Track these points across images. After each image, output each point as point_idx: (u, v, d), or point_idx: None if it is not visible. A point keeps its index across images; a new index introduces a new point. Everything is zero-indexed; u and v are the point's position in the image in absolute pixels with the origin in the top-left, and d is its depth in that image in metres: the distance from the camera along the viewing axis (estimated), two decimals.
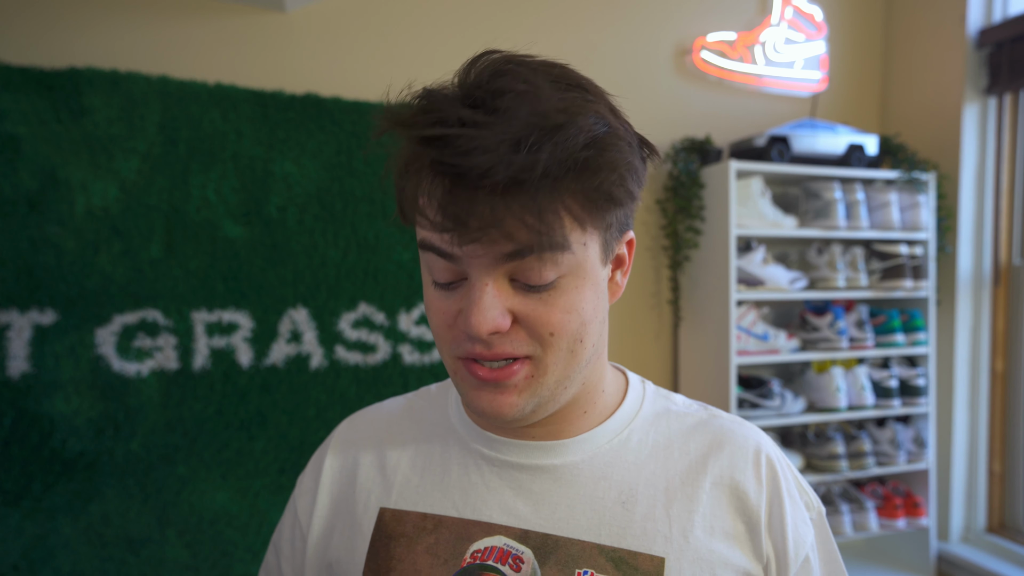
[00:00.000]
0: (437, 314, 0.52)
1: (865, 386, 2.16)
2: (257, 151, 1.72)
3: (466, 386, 0.53)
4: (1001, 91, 2.21)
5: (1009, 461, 2.28)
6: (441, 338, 0.53)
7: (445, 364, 0.55)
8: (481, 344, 0.49)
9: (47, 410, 1.55)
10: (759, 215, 2.06)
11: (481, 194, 0.45)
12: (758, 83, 2.28)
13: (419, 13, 1.94)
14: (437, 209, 0.46)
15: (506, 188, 0.44)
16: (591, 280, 0.51)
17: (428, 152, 0.46)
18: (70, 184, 1.56)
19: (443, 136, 0.45)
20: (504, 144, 0.44)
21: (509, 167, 0.43)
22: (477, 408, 0.52)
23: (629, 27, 2.17)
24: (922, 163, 2.22)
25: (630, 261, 0.58)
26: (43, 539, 1.55)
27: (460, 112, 0.46)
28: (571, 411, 0.58)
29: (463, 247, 0.47)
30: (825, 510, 0.62)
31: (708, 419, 0.61)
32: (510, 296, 0.49)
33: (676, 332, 2.25)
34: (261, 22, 1.79)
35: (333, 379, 1.79)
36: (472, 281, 0.49)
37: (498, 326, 0.48)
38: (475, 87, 0.48)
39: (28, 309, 1.55)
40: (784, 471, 0.59)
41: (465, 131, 0.44)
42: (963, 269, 2.26)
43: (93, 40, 1.64)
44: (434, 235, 0.49)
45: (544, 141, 0.44)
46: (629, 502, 0.55)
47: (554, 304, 0.49)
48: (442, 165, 0.45)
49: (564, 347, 0.51)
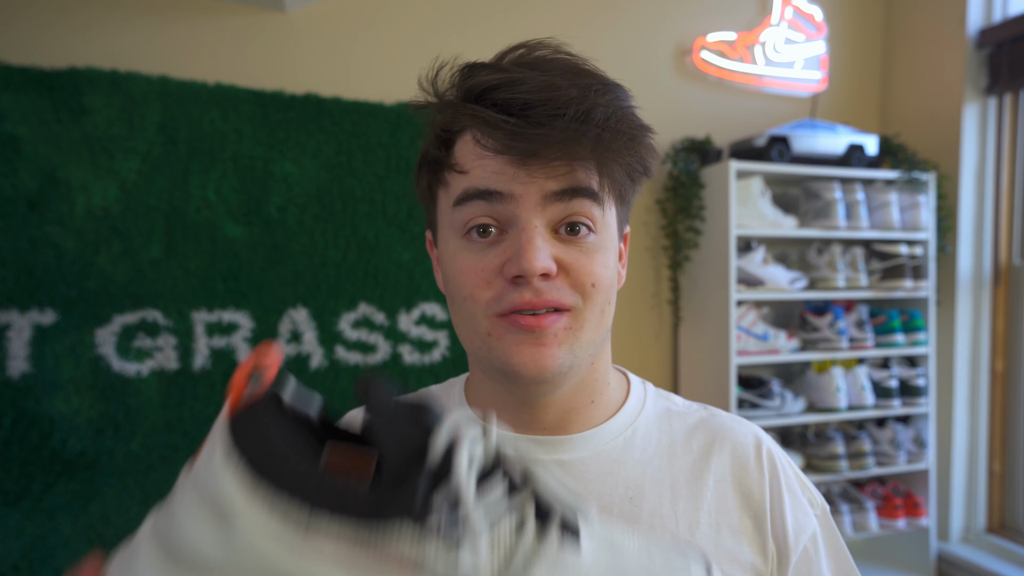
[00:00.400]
0: (472, 273, 0.52)
1: (865, 386, 2.16)
2: (257, 151, 1.72)
3: (505, 343, 0.52)
4: (1001, 91, 2.21)
5: (1009, 461, 2.28)
6: (475, 301, 0.52)
7: (473, 335, 0.54)
8: (530, 291, 0.50)
9: (47, 410, 1.55)
10: (759, 215, 2.06)
11: (550, 126, 0.47)
12: (758, 83, 2.28)
13: (419, 13, 1.94)
14: (510, 137, 0.48)
15: (572, 124, 0.47)
16: (613, 247, 0.55)
17: (492, 96, 0.49)
18: (70, 184, 1.56)
19: (506, 80, 0.48)
20: (571, 86, 0.48)
21: (579, 103, 0.47)
22: (518, 364, 0.51)
23: (629, 27, 2.17)
24: (922, 163, 2.22)
25: (626, 255, 0.61)
26: (43, 539, 1.55)
27: (514, 67, 0.50)
28: (579, 398, 0.59)
29: (535, 176, 0.49)
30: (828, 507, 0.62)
31: (708, 418, 0.63)
32: (555, 245, 0.51)
33: (676, 332, 2.25)
34: (261, 22, 1.79)
35: (333, 379, 1.79)
36: (521, 224, 0.50)
37: (550, 266, 0.50)
38: (515, 62, 0.52)
39: (28, 309, 1.55)
40: (784, 466, 0.60)
41: (528, 74, 0.48)
42: (963, 269, 2.26)
43: (93, 40, 1.64)
44: (486, 175, 0.51)
45: (603, 90, 0.49)
46: (636, 498, 0.56)
47: (593, 256, 0.52)
48: (510, 102, 0.48)
49: (599, 303, 0.53)
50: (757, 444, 0.60)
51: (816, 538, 0.58)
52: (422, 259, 1.87)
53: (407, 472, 0.31)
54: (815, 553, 0.57)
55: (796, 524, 0.57)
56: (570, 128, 0.47)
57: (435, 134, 0.54)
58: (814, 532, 0.58)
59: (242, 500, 0.30)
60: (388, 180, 1.83)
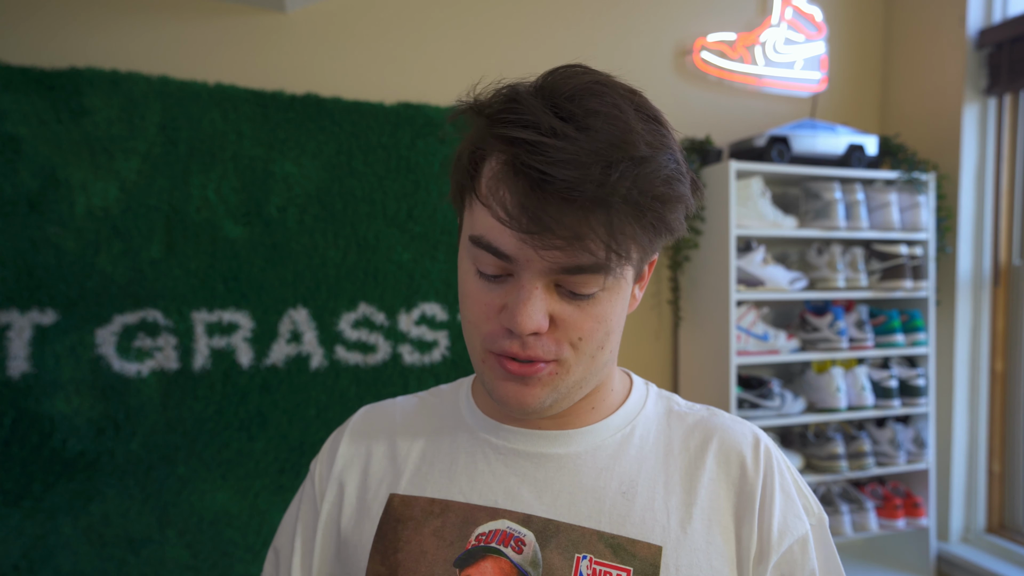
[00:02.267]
0: (477, 305, 0.54)
1: (865, 386, 2.16)
2: (257, 151, 1.72)
3: (492, 376, 0.55)
4: (1001, 91, 2.21)
5: (1009, 461, 2.28)
6: (476, 328, 0.55)
7: (472, 353, 0.57)
8: (518, 343, 0.52)
9: (47, 410, 1.55)
10: (759, 215, 2.06)
11: (564, 205, 0.47)
12: (758, 83, 2.29)
13: (419, 13, 1.94)
14: (517, 208, 0.48)
15: (588, 205, 0.47)
16: (622, 294, 0.55)
17: (514, 151, 0.48)
18: (70, 184, 1.57)
19: (534, 141, 0.47)
20: (595, 164, 0.46)
21: (598, 186, 0.46)
22: (501, 397, 0.55)
23: (629, 27, 2.18)
24: (922, 163, 2.22)
25: (648, 276, 0.61)
26: (43, 539, 1.55)
27: (551, 121, 0.47)
28: (580, 406, 0.61)
29: (540, 252, 0.48)
30: (828, 520, 0.61)
31: (708, 417, 0.64)
32: (553, 300, 0.52)
33: (676, 332, 2.25)
34: (261, 22, 1.79)
35: (333, 379, 1.79)
36: (523, 282, 0.51)
37: (540, 327, 0.51)
38: (564, 99, 0.49)
39: (28, 309, 1.55)
40: (782, 468, 0.61)
41: (557, 142, 0.47)
42: (963, 269, 2.26)
43: (93, 40, 1.64)
44: (496, 233, 0.50)
45: (631, 169, 0.47)
46: (629, 492, 0.58)
47: (589, 313, 0.53)
48: (529, 168, 0.47)
49: (587, 352, 0.54)
50: (755, 443, 0.61)
51: (806, 544, 0.58)
52: (422, 259, 1.87)
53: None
54: (801, 557, 0.57)
55: (783, 524, 0.57)
56: (578, 214, 0.47)
57: (468, 146, 0.54)
58: (804, 537, 0.58)
59: None
60: (388, 180, 1.83)
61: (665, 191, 0.49)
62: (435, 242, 1.88)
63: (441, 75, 1.94)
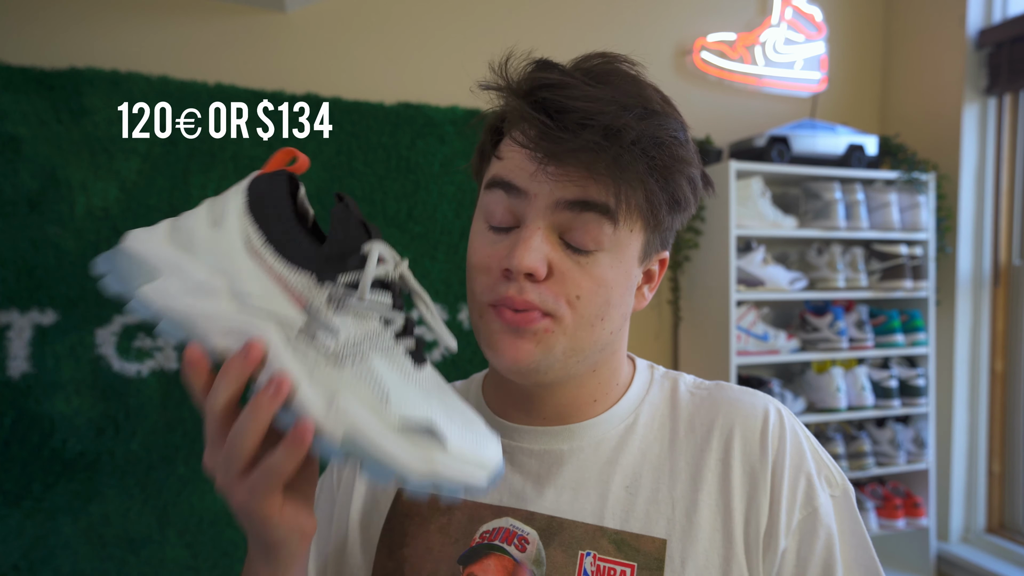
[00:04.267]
0: (481, 256, 0.55)
1: (865, 386, 2.16)
2: (257, 151, 1.72)
3: (490, 330, 0.55)
4: (1001, 91, 2.21)
5: (1009, 461, 2.28)
6: (476, 282, 0.55)
7: (472, 311, 0.58)
8: (515, 287, 0.52)
9: (47, 410, 1.55)
10: (759, 215, 2.06)
11: (580, 132, 0.49)
12: (758, 83, 2.29)
13: (419, 13, 1.94)
14: (537, 134, 0.50)
15: (602, 135, 0.49)
16: (624, 269, 0.55)
17: (539, 93, 0.50)
18: (70, 184, 1.57)
19: (557, 81, 0.50)
20: (612, 103, 0.49)
21: (612, 119, 0.49)
22: (498, 351, 0.54)
23: (629, 27, 2.18)
24: (922, 163, 2.22)
25: (659, 279, 0.61)
26: (43, 539, 1.55)
27: (574, 74, 0.52)
28: (581, 397, 0.60)
29: (551, 173, 0.50)
30: (854, 491, 0.58)
31: (715, 392, 0.62)
32: (555, 248, 0.52)
33: (676, 332, 2.25)
34: (261, 22, 1.79)
35: None
36: (526, 222, 0.52)
37: (536, 268, 0.51)
38: (587, 64, 0.54)
39: (28, 309, 1.55)
40: (797, 438, 0.58)
41: (577, 82, 0.50)
42: (963, 269, 2.26)
43: (93, 40, 1.64)
44: (510, 168, 0.53)
45: (643, 116, 0.50)
46: (633, 486, 0.57)
47: (588, 271, 0.53)
48: (550, 103, 0.49)
49: (585, 316, 0.53)
50: (765, 416, 0.58)
51: (818, 515, 0.55)
52: (422, 259, 1.87)
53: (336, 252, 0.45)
54: (816, 529, 0.54)
55: (794, 496, 0.55)
56: (592, 140, 0.48)
57: (491, 121, 0.57)
58: (820, 508, 0.55)
59: (235, 216, 0.46)
60: (388, 180, 1.83)
61: (673, 144, 0.52)
62: (435, 242, 1.88)
63: (441, 75, 1.94)
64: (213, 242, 0.45)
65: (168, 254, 0.46)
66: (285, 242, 0.45)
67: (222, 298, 0.44)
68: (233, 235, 0.45)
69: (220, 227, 0.46)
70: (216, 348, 0.44)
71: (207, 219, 0.47)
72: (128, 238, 0.47)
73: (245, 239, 0.45)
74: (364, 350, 0.43)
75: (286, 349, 0.43)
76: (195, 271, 0.45)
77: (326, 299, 0.44)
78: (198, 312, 0.44)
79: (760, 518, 0.54)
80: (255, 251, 0.45)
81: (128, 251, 0.46)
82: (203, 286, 0.44)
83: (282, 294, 0.44)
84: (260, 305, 0.44)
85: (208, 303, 0.44)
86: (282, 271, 0.44)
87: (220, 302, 0.44)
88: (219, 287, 0.44)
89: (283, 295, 0.44)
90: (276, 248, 0.45)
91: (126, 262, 0.46)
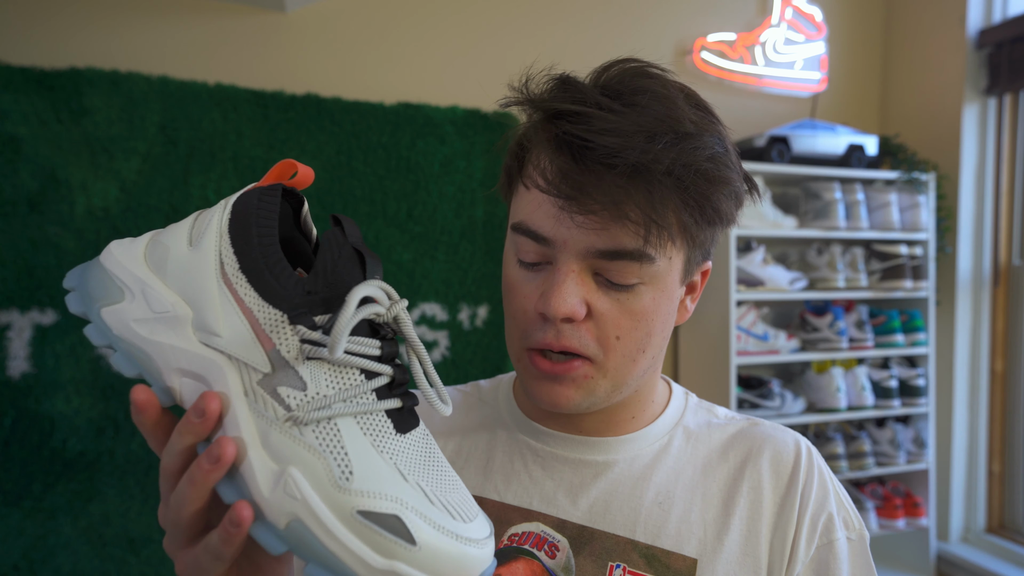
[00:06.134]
0: (518, 296, 0.53)
1: (865, 386, 2.16)
2: (257, 151, 1.72)
3: (528, 375, 0.54)
4: (1001, 91, 2.21)
5: (1009, 461, 2.28)
6: (515, 323, 0.54)
7: (511, 352, 0.57)
8: (552, 332, 0.51)
9: (47, 410, 1.55)
10: (759, 215, 2.06)
11: (604, 172, 0.46)
12: (758, 83, 2.29)
13: (419, 13, 1.94)
14: (557, 176, 0.48)
15: (628, 173, 0.46)
16: (667, 295, 0.53)
17: (560, 124, 0.48)
18: (70, 184, 1.57)
19: (579, 112, 0.47)
20: (638, 134, 0.46)
21: (639, 154, 0.46)
22: (536, 397, 0.54)
23: (629, 27, 2.17)
24: (922, 163, 2.22)
25: (701, 288, 0.60)
26: (43, 539, 1.55)
27: (598, 97, 0.48)
28: (620, 414, 0.60)
29: (577, 220, 0.48)
30: (869, 538, 0.60)
31: (749, 428, 0.62)
32: (591, 289, 0.51)
33: (676, 332, 2.25)
34: (261, 22, 1.79)
35: None
36: (558, 264, 0.50)
37: (574, 312, 0.49)
38: (614, 81, 0.50)
39: (28, 309, 1.55)
40: (824, 477, 0.59)
41: (601, 112, 0.47)
42: (963, 269, 2.26)
43: (93, 40, 1.64)
44: (535, 215, 0.50)
45: (674, 142, 0.47)
46: (666, 503, 0.57)
47: (627, 308, 0.51)
48: (572, 138, 0.47)
49: (626, 354, 0.52)
50: (797, 451, 0.59)
51: (834, 548, 0.56)
52: (422, 259, 1.87)
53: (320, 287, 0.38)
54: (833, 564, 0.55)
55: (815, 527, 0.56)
56: (618, 182, 0.46)
57: (517, 138, 0.54)
58: (836, 544, 0.56)
59: (214, 235, 0.40)
60: (388, 180, 1.83)
61: (709, 168, 0.48)
62: (435, 242, 1.88)
63: (441, 75, 1.94)
64: (187, 263, 0.40)
65: (139, 273, 0.40)
66: (261, 270, 0.38)
67: (185, 330, 0.38)
68: (209, 257, 0.39)
69: (197, 246, 0.40)
70: (170, 388, 0.38)
71: (187, 236, 0.41)
72: (107, 250, 0.42)
73: (219, 263, 0.39)
74: (333, 411, 0.36)
75: (243, 402, 0.36)
76: (161, 296, 0.39)
77: (297, 344, 0.37)
78: (156, 344, 0.38)
79: (785, 547, 0.55)
80: (227, 279, 0.39)
81: (100, 266, 0.41)
82: (166, 314, 0.39)
83: (250, 332, 0.37)
84: (224, 344, 0.37)
85: (169, 334, 0.38)
86: (252, 305, 0.38)
87: (182, 334, 0.38)
88: (183, 317, 0.38)
89: (250, 334, 0.37)
90: (250, 277, 0.38)
91: (95, 278, 0.41)
